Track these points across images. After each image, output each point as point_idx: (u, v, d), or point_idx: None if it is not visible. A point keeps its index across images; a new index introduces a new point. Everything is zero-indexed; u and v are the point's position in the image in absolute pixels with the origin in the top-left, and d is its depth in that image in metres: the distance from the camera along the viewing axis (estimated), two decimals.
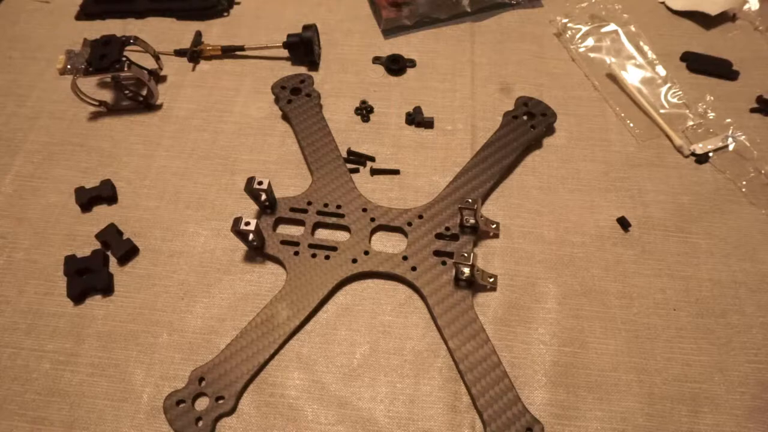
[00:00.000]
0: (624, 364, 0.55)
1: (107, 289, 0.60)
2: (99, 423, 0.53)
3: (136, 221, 0.65)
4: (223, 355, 0.55)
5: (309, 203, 0.63)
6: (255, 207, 0.64)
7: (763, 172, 0.66)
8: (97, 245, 0.63)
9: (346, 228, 0.62)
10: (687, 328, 0.57)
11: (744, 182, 0.66)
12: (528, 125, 0.69)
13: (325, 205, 0.63)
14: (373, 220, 0.62)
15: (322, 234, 0.63)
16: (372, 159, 0.69)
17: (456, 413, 0.53)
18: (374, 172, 0.68)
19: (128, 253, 0.62)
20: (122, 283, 0.61)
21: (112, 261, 0.62)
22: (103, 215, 0.65)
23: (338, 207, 0.63)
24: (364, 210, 0.63)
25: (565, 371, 0.55)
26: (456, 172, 0.67)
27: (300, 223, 0.63)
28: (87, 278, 0.60)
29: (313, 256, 0.60)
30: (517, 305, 0.58)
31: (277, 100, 0.72)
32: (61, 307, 0.59)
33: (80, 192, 0.66)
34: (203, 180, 0.68)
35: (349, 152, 0.69)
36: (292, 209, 0.63)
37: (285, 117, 0.72)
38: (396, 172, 0.68)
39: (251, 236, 0.58)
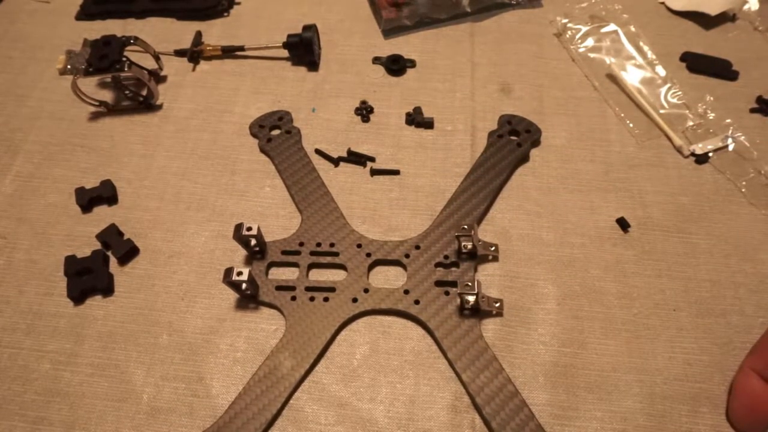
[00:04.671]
0: (624, 365, 0.55)
1: (107, 290, 0.60)
2: (99, 423, 0.53)
3: (137, 222, 0.65)
4: (227, 416, 0.52)
5: (301, 244, 0.61)
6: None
7: (762, 172, 0.66)
8: (98, 245, 0.63)
9: (342, 266, 0.60)
10: (687, 328, 0.57)
11: (744, 182, 0.66)
12: (514, 143, 0.68)
13: (318, 245, 0.61)
14: (369, 255, 0.60)
15: (318, 275, 0.60)
16: (372, 159, 0.69)
17: (456, 413, 0.53)
18: (374, 172, 0.68)
19: (128, 253, 0.62)
20: (122, 283, 0.61)
21: (113, 261, 0.62)
22: (103, 215, 0.66)
23: (332, 245, 0.61)
24: (359, 246, 0.61)
25: (565, 372, 0.55)
26: (456, 172, 0.67)
27: (293, 265, 0.60)
28: (87, 278, 0.60)
29: (311, 299, 0.58)
30: (517, 306, 0.58)
31: (256, 139, 0.70)
32: (61, 308, 0.59)
33: (80, 192, 0.66)
34: (203, 180, 0.68)
35: (349, 152, 0.69)
36: (284, 252, 0.61)
37: (266, 156, 0.69)
38: (396, 172, 0.68)
39: (244, 285, 0.56)
